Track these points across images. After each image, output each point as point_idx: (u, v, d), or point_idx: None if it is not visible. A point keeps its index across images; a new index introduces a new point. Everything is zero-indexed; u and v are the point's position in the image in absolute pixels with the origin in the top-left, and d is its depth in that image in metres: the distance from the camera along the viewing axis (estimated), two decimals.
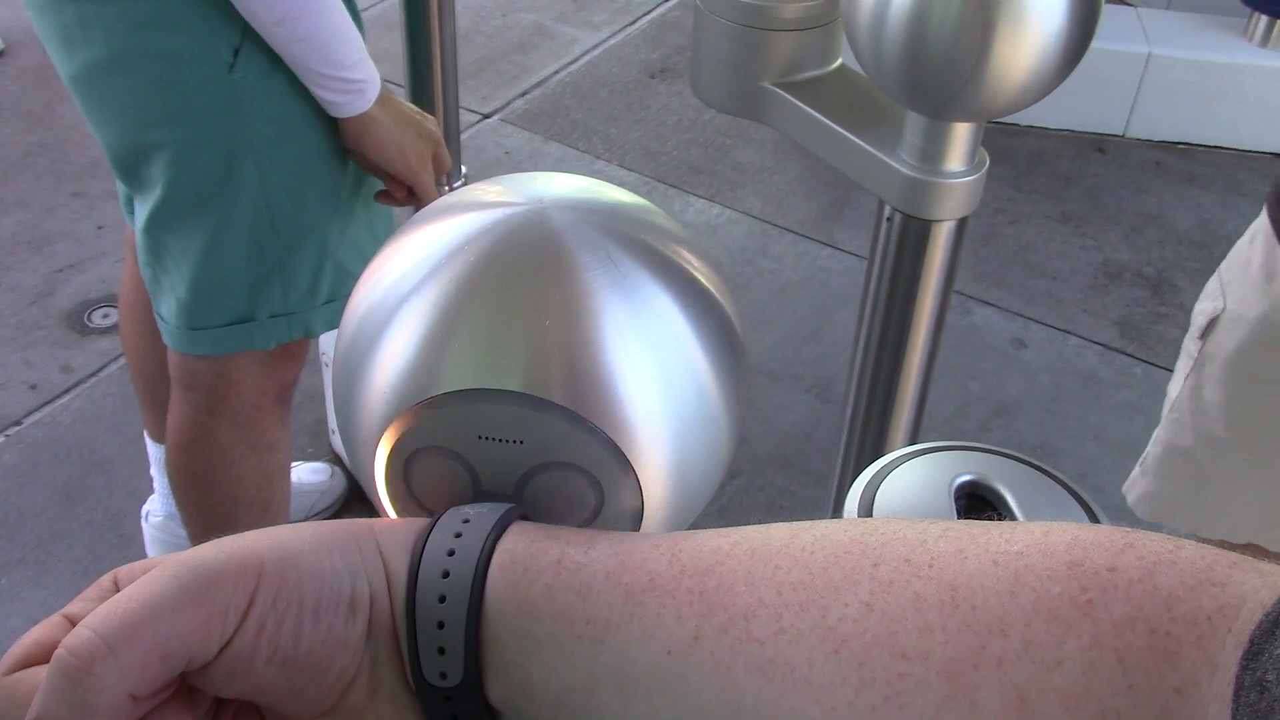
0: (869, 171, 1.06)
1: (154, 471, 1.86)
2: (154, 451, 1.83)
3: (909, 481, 0.62)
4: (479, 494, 0.46)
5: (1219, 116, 3.10)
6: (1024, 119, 3.11)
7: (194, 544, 0.40)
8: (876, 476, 0.62)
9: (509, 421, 0.44)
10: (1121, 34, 3.07)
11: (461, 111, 2.59)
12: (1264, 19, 3.01)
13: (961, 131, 1.01)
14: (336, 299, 1.46)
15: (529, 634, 0.40)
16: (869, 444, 1.21)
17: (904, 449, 0.64)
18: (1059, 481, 0.62)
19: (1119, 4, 3.24)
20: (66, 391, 2.29)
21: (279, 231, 1.38)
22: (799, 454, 2.22)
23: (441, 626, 0.40)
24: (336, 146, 1.38)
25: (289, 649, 0.39)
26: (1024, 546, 0.37)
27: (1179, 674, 0.33)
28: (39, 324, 2.43)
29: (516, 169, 2.70)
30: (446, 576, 0.41)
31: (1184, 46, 3.06)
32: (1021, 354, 2.48)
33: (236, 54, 1.27)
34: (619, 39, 3.50)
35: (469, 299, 0.44)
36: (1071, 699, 0.34)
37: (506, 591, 0.41)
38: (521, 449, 0.44)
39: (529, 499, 0.45)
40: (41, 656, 0.38)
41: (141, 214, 1.39)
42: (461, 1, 2.76)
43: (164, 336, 1.46)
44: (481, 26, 3.53)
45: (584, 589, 0.41)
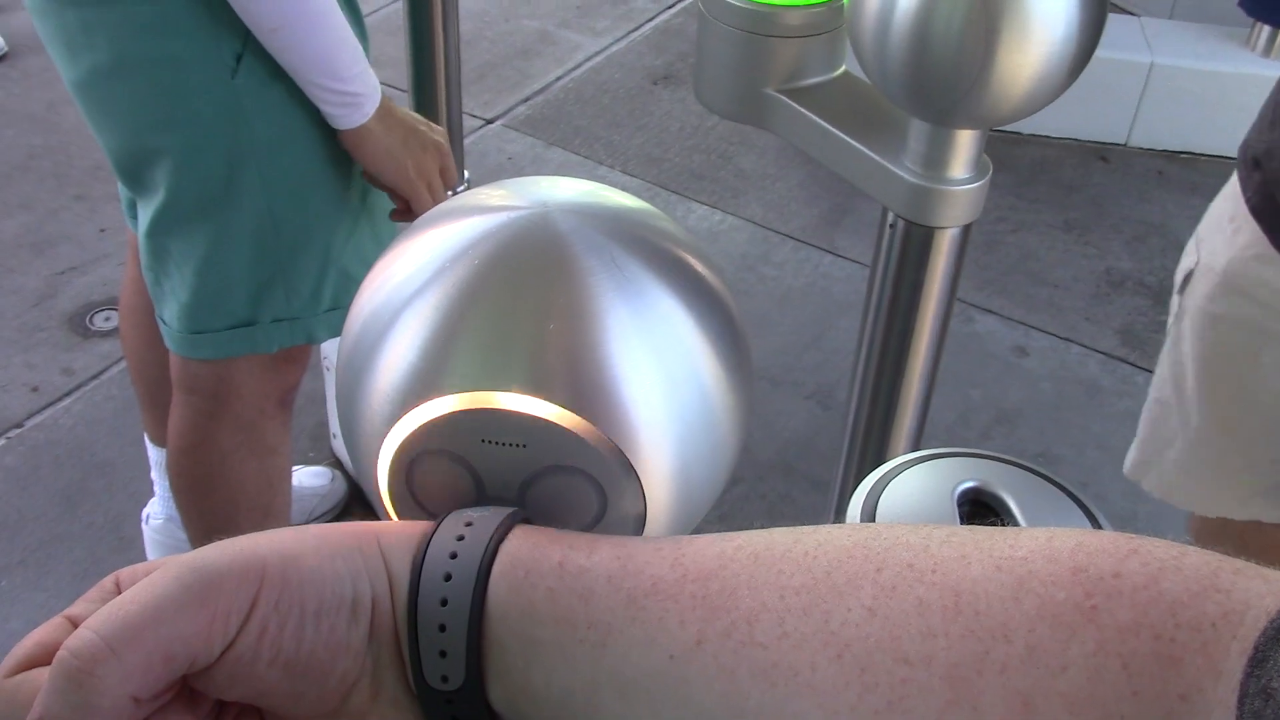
0: (872, 178, 1.06)
1: (154, 474, 1.86)
2: (154, 454, 1.83)
3: (912, 487, 0.62)
4: (482, 497, 0.46)
5: (1221, 126, 3.09)
6: (1026, 127, 3.11)
7: (194, 547, 0.40)
8: (879, 482, 0.62)
9: (512, 425, 0.44)
10: (1124, 43, 3.07)
11: (464, 117, 2.59)
12: (1266, 29, 3.01)
13: (965, 139, 1.01)
14: (340, 306, 1.45)
15: (531, 637, 0.40)
16: (871, 450, 1.21)
17: (907, 455, 0.64)
18: (1062, 488, 0.62)
19: (1122, 13, 3.24)
20: (68, 394, 2.29)
21: (282, 236, 1.38)
22: (800, 460, 2.22)
23: (443, 629, 0.40)
24: (341, 153, 1.37)
25: (291, 652, 0.39)
26: (1028, 552, 0.37)
27: (1184, 680, 0.33)
28: (41, 326, 2.43)
29: (519, 174, 2.70)
30: (449, 580, 0.41)
31: (1187, 56, 3.06)
32: (1023, 362, 2.48)
33: (239, 60, 1.27)
34: (622, 45, 3.51)
35: (473, 302, 0.44)
36: (1076, 705, 0.34)
37: (509, 595, 0.41)
38: (525, 453, 0.44)
39: (532, 503, 0.45)
40: (43, 658, 0.38)
41: (144, 218, 1.39)
42: (465, 7, 2.76)
43: (166, 340, 1.46)
44: (485, 32, 3.54)
45: (586, 593, 0.40)
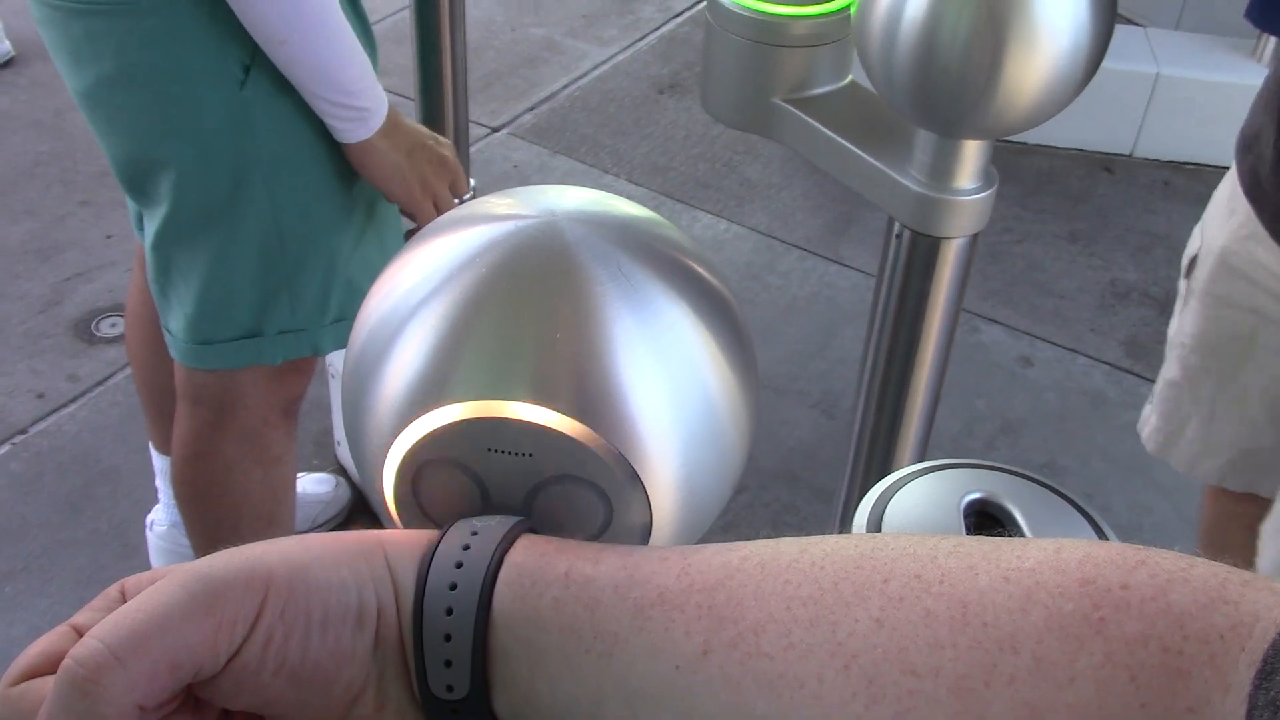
0: (879, 188, 1.06)
1: (159, 482, 1.86)
2: (159, 462, 1.83)
3: (918, 498, 0.61)
4: (487, 507, 0.45)
5: (1227, 137, 3.06)
6: (1032, 138, 3.11)
7: (198, 556, 0.40)
8: (885, 493, 0.62)
9: (518, 434, 0.44)
10: (1130, 54, 3.07)
11: (471, 125, 2.60)
12: (1272, 40, 3.00)
13: (972, 149, 1.01)
14: (346, 318, 1.45)
15: (536, 647, 0.40)
16: (876, 460, 1.21)
17: (913, 466, 0.64)
18: (1068, 500, 0.62)
19: (1128, 24, 3.24)
20: (73, 400, 2.29)
21: (287, 248, 1.38)
22: (804, 469, 2.22)
23: (449, 639, 0.40)
24: (347, 165, 1.37)
25: (296, 661, 0.39)
26: (1036, 563, 0.37)
27: (1192, 693, 0.33)
28: (47, 333, 2.43)
29: (525, 183, 2.70)
30: (454, 589, 0.41)
31: (1192, 67, 3.06)
32: (1028, 372, 2.47)
33: (248, 71, 1.27)
34: (628, 54, 3.51)
35: (480, 311, 0.44)
36: (1083, 717, 0.34)
37: (514, 604, 0.41)
38: (530, 462, 0.44)
39: (537, 512, 0.45)
40: (48, 667, 0.38)
41: (149, 230, 1.39)
42: (472, 15, 2.76)
43: (171, 351, 1.46)
44: (491, 41, 3.54)
45: (592, 602, 0.40)
